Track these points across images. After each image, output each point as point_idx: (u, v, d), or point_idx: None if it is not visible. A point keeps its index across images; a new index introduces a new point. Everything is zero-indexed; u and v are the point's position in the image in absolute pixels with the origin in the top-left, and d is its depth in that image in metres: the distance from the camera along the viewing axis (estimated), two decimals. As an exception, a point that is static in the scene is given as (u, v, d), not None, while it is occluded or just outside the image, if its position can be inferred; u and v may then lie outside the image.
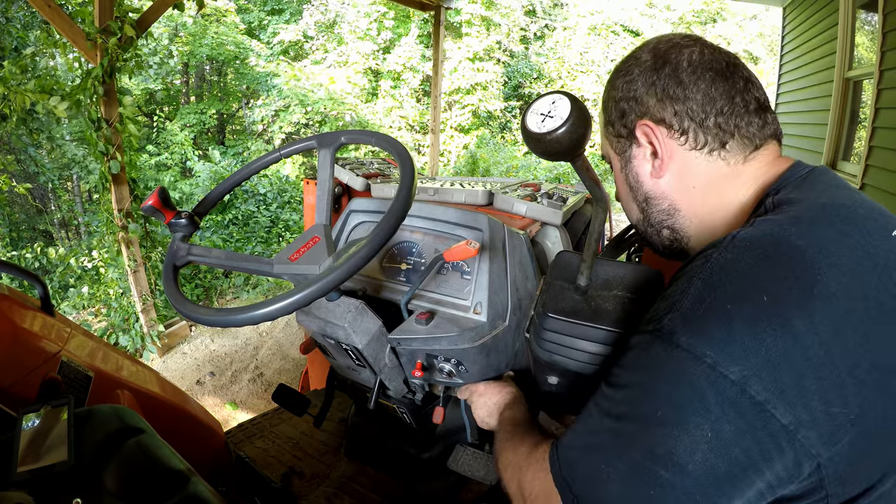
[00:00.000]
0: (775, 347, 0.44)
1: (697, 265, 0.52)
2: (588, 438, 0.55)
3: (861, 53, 3.84)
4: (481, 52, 10.68)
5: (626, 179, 0.71)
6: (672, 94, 0.62)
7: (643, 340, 0.52)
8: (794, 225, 0.50)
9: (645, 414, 0.49)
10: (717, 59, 0.62)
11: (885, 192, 3.02)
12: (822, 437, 0.44)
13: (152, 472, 0.76)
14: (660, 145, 0.64)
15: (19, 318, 1.00)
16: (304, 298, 0.66)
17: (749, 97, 0.61)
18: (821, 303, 0.45)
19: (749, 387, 0.44)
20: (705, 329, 0.46)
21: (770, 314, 0.45)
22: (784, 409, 0.43)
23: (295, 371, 3.49)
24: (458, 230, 1.07)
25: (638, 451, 0.48)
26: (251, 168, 1.00)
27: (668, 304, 0.51)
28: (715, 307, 0.47)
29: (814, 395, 0.44)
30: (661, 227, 0.70)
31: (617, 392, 0.53)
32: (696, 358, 0.46)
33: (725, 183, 0.62)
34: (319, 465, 1.59)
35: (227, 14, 9.03)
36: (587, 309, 0.72)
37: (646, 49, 0.66)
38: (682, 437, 0.46)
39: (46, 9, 2.84)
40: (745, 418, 0.44)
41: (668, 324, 0.49)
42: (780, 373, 0.43)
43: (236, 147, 8.79)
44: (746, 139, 0.61)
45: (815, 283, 0.46)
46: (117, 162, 3.19)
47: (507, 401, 0.95)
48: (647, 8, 12.18)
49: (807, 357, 0.44)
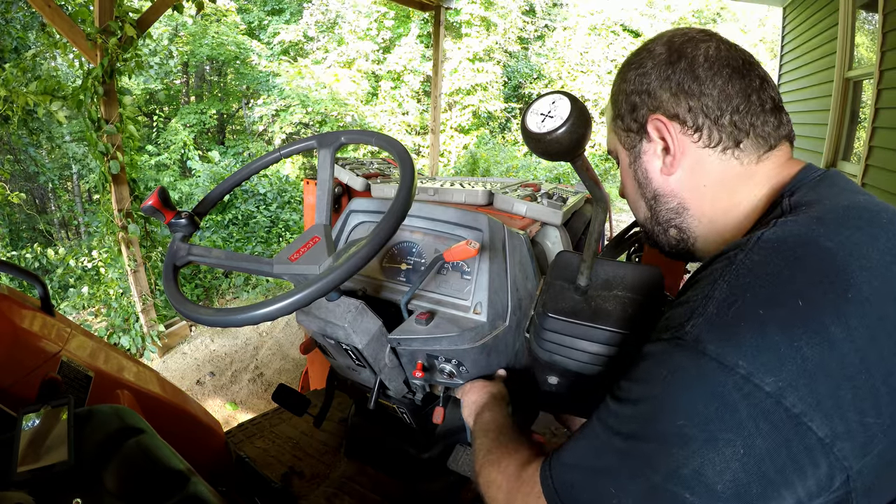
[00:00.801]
0: (812, 356, 0.41)
1: (720, 267, 0.49)
2: (592, 460, 0.50)
3: (861, 53, 3.84)
4: (481, 52, 10.68)
5: (634, 175, 0.69)
6: (687, 88, 0.60)
7: (660, 349, 0.48)
8: (821, 226, 0.48)
9: (664, 431, 0.45)
10: (733, 55, 0.60)
11: (885, 192, 3.02)
12: (855, 448, 0.42)
13: (152, 472, 0.76)
14: (672, 141, 0.62)
15: (19, 318, 1.00)
16: (304, 298, 0.66)
17: (765, 96, 0.60)
18: (855, 307, 0.43)
19: (785, 398, 0.41)
20: (736, 336, 0.43)
21: (806, 320, 0.42)
22: (821, 420, 0.41)
23: (295, 371, 3.49)
24: (458, 230, 1.07)
25: (657, 472, 0.44)
26: (251, 168, 1.00)
27: (689, 308, 0.47)
28: (745, 312, 0.44)
29: (850, 406, 0.41)
30: (668, 226, 0.68)
31: (626, 407, 0.49)
32: (726, 368, 0.42)
33: (737, 183, 0.61)
34: (319, 465, 1.59)
35: (228, 14, 9.03)
36: (587, 309, 0.72)
37: (660, 42, 0.64)
38: (711, 456, 0.42)
39: (46, 9, 2.84)
40: (780, 432, 0.41)
41: (693, 330, 0.45)
42: (816, 383, 0.41)
43: (236, 147, 8.79)
44: (761, 139, 0.60)
45: (849, 287, 0.43)
46: (117, 162, 3.19)
47: (486, 400, 0.92)
48: (647, 8, 12.19)
49: (843, 365, 0.41)
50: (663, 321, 0.50)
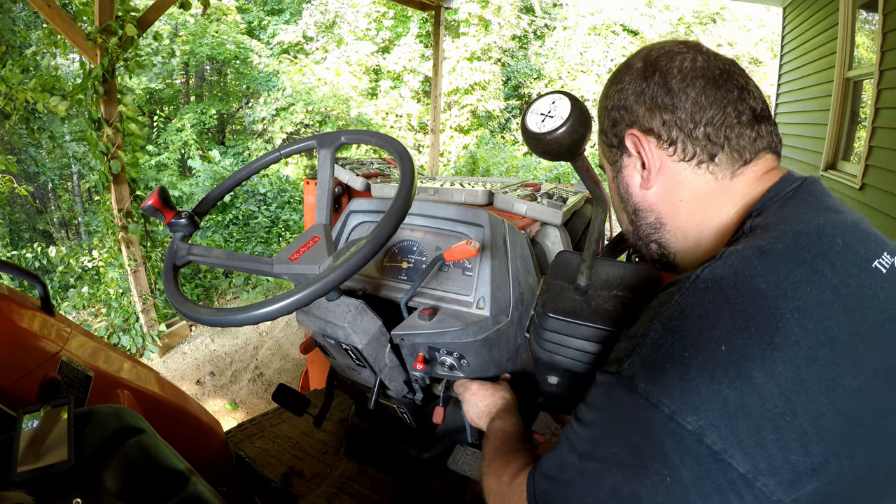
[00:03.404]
0: (732, 398, 0.43)
1: (659, 303, 0.51)
2: (559, 472, 0.55)
3: (861, 53, 3.84)
4: (479, 51, 10.68)
5: (617, 190, 0.69)
6: (661, 102, 0.59)
7: (606, 381, 0.52)
8: (762, 261, 0.48)
9: (606, 455, 0.49)
10: (710, 66, 0.59)
11: (886, 192, 3.03)
12: (781, 483, 0.43)
13: (152, 472, 0.76)
14: (647, 156, 0.62)
15: (19, 317, 1.00)
16: (304, 298, 0.66)
17: (743, 107, 0.58)
18: (782, 353, 0.44)
19: (706, 436, 0.43)
20: (663, 377, 0.46)
21: (727, 365, 0.44)
22: (741, 458, 0.43)
23: (295, 371, 3.49)
24: (460, 227, 1.07)
25: (603, 490, 0.49)
26: (251, 168, 1.00)
27: (630, 345, 0.51)
28: (672, 354, 0.47)
29: (773, 445, 0.43)
30: (648, 241, 0.68)
31: (583, 430, 0.53)
32: (653, 406, 0.46)
33: (712, 198, 0.60)
34: (319, 465, 1.59)
35: (228, 13, 9.02)
36: (587, 309, 0.72)
37: (638, 56, 0.64)
38: (644, 481, 0.46)
39: (46, 9, 2.84)
40: (703, 466, 0.44)
41: (629, 368, 0.49)
42: (736, 423, 0.43)
43: (236, 147, 8.78)
44: (736, 152, 0.59)
45: (777, 332, 0.44)
46: (118, 161, 3.19)
47: (499, 407, 0.94)
48: (646, 8, 12.18)
49: (765, 408, 0.43)
50: (614, 352, 0.54)
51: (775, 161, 0.61)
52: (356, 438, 1.52)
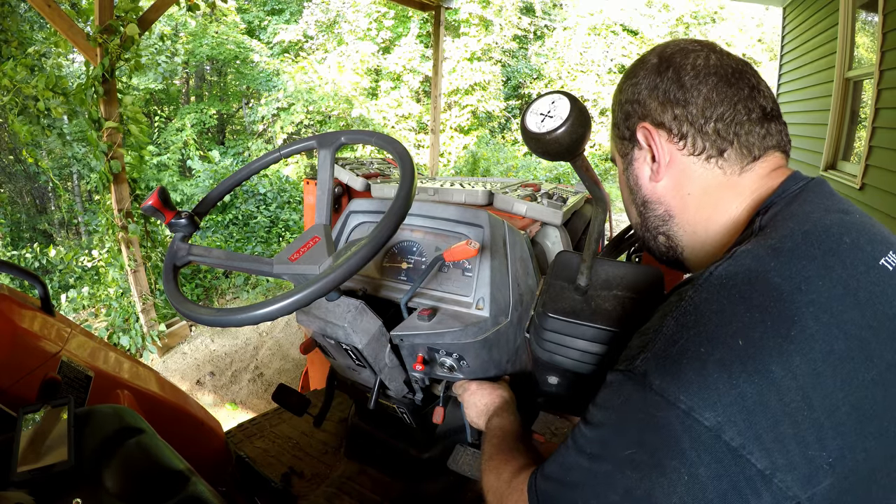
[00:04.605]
0: (750, 393, 0.43)
1: (673, 301, 0.51)
2: (564, 474, 0.54)
3: (861, 53, 3.84)
4: (479, 51, 10.68)
5: (627, 182, 0.71)
6: (673, 97, 0.61)
7: (617, 379, 0.51)
8: (774, 258, 0.49)
9: (619, 455, 0.48)
10: (723, 64, 0.61)
11: (886, 192, 3.03)
12: (799, 479, 0.43)
13: (152, 472, 0.76)
14: (657, 149, 0.63)
15: (19, 318, 1.00)
16: (304, 298, 0.66)
17: (753, 105, 0.60)
18: (798, 346, 0.44)
19: (724, 433, 0.43)
20: (679, 373, 0.46)
21: (745, 359, 0.44)
22: (760, 454, 0.43)
23: (295, 371, 3.49)
24: (459, 227, 1.07)
25: (615, 492, 0.48)
26: (251, 168, 1.00)
27: (643, 342, 0.50)
28: (688, 350, 0.46)
29: (790, 440, 0.43)
30: (656, 233, 0.69)
31: (592, 430, 0.52)
32: (669, 403, 0.45)
33: (720, 193, 0.61)
34: (319, 465, 1.59)
35: (228, 13, 9.02)
36: (587, 309, 0.72)
37: (654, 53, 0.66)
38: (660, 480, 0.45)
39: (46, 9, 2.84)
40: (721, 463, 0.43)
41: (641, 365, 0.48)
42: (755, 418, 0.43)
43: (236, 147, 8.78)
44: (745, 149, 0.60)
45: (793, 325, 0.45)
46: (118, 161, 3.19)
47: (497, 405, 0.94)
48: (646, 8, 12.18)
49: (783, 402, 0.43)
50: (626, 350, 0.53)
51: (784, 160, 0.63)
52: (356, 438, 1.52)
